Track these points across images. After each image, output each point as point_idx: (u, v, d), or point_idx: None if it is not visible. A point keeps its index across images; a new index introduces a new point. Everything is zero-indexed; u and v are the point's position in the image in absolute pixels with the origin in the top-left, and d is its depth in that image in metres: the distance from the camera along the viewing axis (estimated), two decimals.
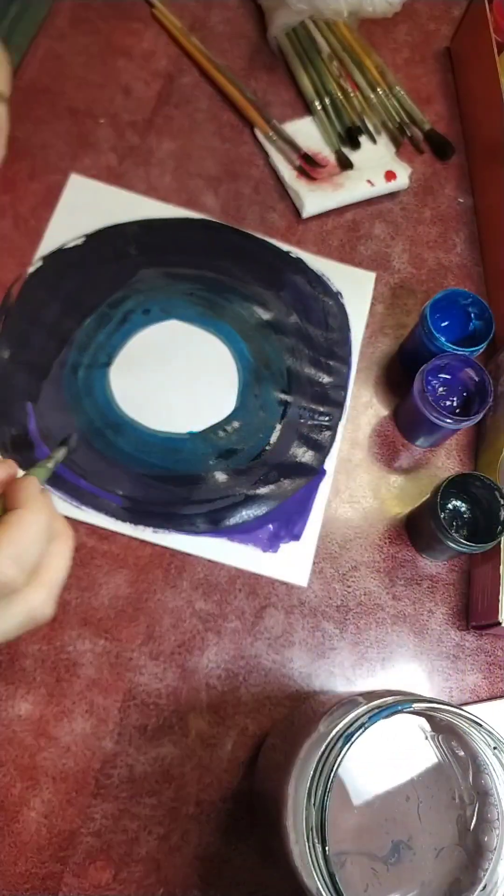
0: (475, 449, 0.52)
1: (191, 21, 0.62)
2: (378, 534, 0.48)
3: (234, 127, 0.59)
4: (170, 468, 0.47)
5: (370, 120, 0.59)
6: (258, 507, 0.47)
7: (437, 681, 0.45)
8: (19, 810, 0.39)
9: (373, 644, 0.45)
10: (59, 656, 0.42)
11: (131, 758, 0.41)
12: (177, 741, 0.42)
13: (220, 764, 0.42)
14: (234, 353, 0.51)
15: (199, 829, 0.40)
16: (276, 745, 0.39)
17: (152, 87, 0.59)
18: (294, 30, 0.61)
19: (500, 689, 0.45)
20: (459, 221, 0.59)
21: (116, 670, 0.42)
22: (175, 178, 0.56)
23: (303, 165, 0.57)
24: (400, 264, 0.56)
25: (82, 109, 0.57)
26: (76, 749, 0.41)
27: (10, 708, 0.41)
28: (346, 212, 0.57)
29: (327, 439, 0.50)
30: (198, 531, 0.46)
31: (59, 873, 0.39)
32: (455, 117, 0.63)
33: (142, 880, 0.39)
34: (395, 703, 0.30)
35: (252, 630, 0.44)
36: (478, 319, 0.50)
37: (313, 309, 0.53)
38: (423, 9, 0.66)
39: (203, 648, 0.44)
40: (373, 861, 0.31)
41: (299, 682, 0.44)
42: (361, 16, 0.63)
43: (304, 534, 0.47)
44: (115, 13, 0.62)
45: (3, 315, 0.50)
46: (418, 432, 0.49)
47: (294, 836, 0.30)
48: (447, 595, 0.47)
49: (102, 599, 0.44)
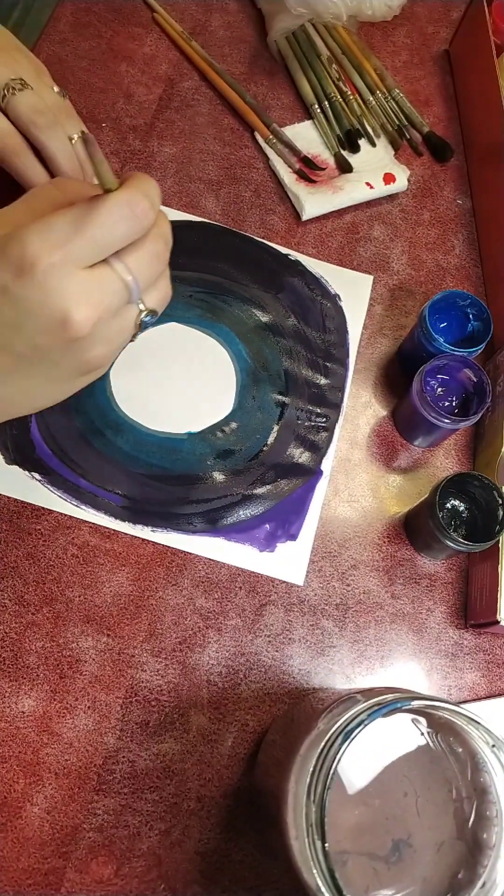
0: (473, 449, 0.52)
1: (192, 26, 0.63)
2: (377, 533, 0.48)
3: (235, 131, 0.59)
4: (168, 468, 0.48)
5: (369, 123, 0.60)
6: (255, 507, 0.48)
7: (435, 679, 0.46)
8: (22, 806, 0.40)
9: (372, 642, 0.46)
10: (62, 653, 0.43)
11: (133, 753, 0.41)
12: (178, 737, 0.42)
13: (221, 760, 0.42)
14: (232, 355, 0.52)
15: (200, 825, 0.41)
16: (276, 742, 0.39)
17: (153, 91, 0.60)
18: (294, 34, 0.62)
19: (498, 688, 0.46)
20: (458, 223, 0.59)
21: (118, 667, 0.43)
22: (176, 182, 0.57)
23: (302, 169, 0.57)
24: (399, 266, 0.57)
25: (84, 114, 0.58)
26: (78, 745, 0.41)
27: (14, 704, 0.41)
28: (345, 214, 0.58)
29: (324, 440, 0.50)
30: (195, 530, 0.46)
31: (62, 869, 0.39)
32: (454, 119, 0.63)
33: (143, 875, 0.40)
34: (393, 700, 0.30)
35: (252, 627, 0.45)
36: (476, 320, 0.50)
37: (311, 311, 0.54)
38: (422, 12, 0.67)
39: (204, 645, 0.44)
40: (374, 861, 0.31)
41: (299, 679, 0.44)
42: (360, 19, 0.63)
43: (301, 534, 0.47)
44: (117, 18, 0.62)
45: None
46: (417, 432, 0.50)
47: (294, 832, 0.30)
48: (446, 594, 0.47)
49: (105, 597, 0.44)
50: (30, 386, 0.32)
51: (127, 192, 0.29)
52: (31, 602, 0.44)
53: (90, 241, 0.28)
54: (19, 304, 0.28)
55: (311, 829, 0.29)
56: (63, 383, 0.33)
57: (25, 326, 0.29)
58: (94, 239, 0.28)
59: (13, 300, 0.28)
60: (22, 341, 0.29)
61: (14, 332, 0.29)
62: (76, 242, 0.28)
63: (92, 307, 0.29)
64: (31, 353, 0.30)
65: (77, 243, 0.28)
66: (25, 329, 0.29)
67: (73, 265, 0.28)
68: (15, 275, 0.28)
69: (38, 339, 0.29)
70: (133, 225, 0.29)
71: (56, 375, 0.32)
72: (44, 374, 0.31)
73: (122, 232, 0.29)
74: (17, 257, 0.28)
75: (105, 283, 0.29)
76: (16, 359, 0.30)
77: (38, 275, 0.28)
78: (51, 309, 0.28)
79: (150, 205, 0.29)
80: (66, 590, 0.44)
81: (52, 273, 0.28)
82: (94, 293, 0.29)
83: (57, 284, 0.28)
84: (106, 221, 0.28)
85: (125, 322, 0.31)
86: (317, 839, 0.28)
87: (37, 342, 0.29)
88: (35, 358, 0.30)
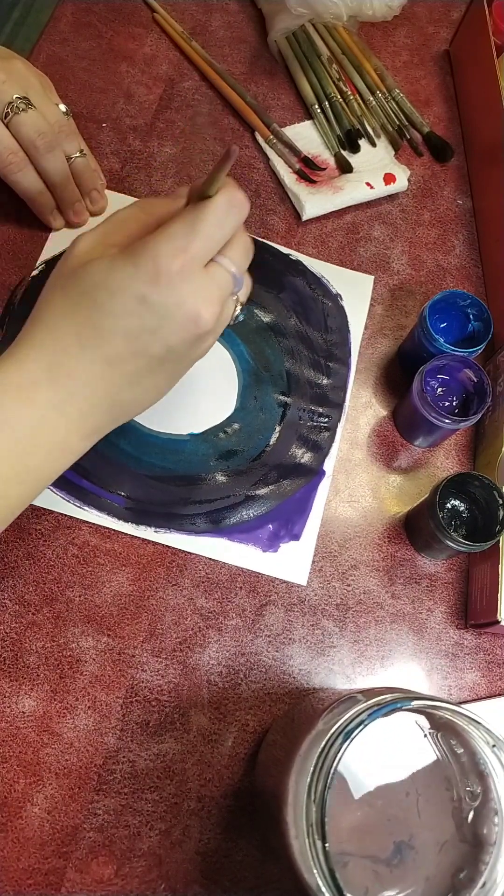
0: (474, 449, 0.52)
1: (192, 26, 0.63)
2: (377, 533, 0.48)
3: (235, 131, 0.59)
4: (171, 469, 0.48)
5: (369, 123, 0.60)
6: (258, 508, 0.48)
7: (436, 679, 0.46)
8: (22, 806, 0.40)
9: (372, 642, 0.46)
10: (62, 653, 0.43)
11: (133, 753, 0.41)
12: (178, 737, 0.42)
13: (221, 760, 0.42)
14: (234, 356, 0.52)
15: (201, 825, 0.41)
16: (277, 742, 0.39)
17: (154, 91, 0.60)
18: (294, 34, 0.62)
19: (498, 688, 0.46)
20: (458, 223, 0.59)
21: (119, 667, 0.43)
22: (176, 182, 0.57)
23: (303, 169, 0.57)
24: (399, 266, 0.57)
25: (84, 114, 0.58)
26: (79, 745, 0.41)
27: (14, 704, 0.41)
28: (345, 214, 0.58)
29: (326, 440, 0.50)
30: (198, 531, 0.46)
31: (62, 868, 0.39)
32: (454, 120, 0.63)
33: (144, 875, 0.40)
34: (394, 700, 0.30)
35: (253, 627, 0.45)
36: (476, 320, 0.50)
37: (313, 311, 0.54)
38: (422, 12, 0.67)
39: (204, 645, 0.44)
40: (376, 864, 0.31)
41: (299, 679, 0.44)
42: (361, 19, 0.63)
43: (304, 534, 0.47)
44: (117, 18, 0.62)
45: (6, 319, 0.51)
46: (417, 432, 0.50)
47: (294, 832, 0.30)
48: (446, 594, 0.47)
49: (105, 597, 0.44)
50: (154, 384, 0.35)
51: (227, 189, 0.33)
52: (31, 602, 0.44)
53: (207, 240, 0.32)
54: (158, 310, 0.32)
55: (312, 829, 0.29)
56: (177, 377, 0.36)
57: (163, 328, 0.32)
58: (211, 236, 0.32)
59: (152, 307, 0.31)
60: (158, 343, 0.32)
61: (151, 337, 0.32)
62: (196, 243, 0.31)
63: (215, 303, 0.33)
64: (165, 352, 0.33)
65: (196, 244, 0.32)
66: (162, 331, 0.32)
67: (196, 265, 0.32)
68: (151, 284, 0.31)
69: (173, 339, 0.33)
70: (239, 215, 0.33)
71: (176, 370, 0.35)
72: (168, 371, 0.35)
73: (232, 224, 0.33)
74: (150, 267, 0.31)
75: (218, 278, 0.33)
76: (149, 361, 0.33)
77: (174, 280, 0.31)
78: (186, 309, 0.32)
79: (245, 196, 0.33)
80: (66, 590, 0.44)
81: (183, 276, 0.31)
82: (213, 289, 0.33)
83: (188, 286, 0.32)
84: (218, 218, 0.32)
85: (227, 313, 0.35)
86: (317, 839, 0.28)
87: (171, 342, 0.33)
88: (167, 357, 0.33)
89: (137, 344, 0.32)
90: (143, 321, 0.32)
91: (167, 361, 0.34)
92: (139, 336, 0.32)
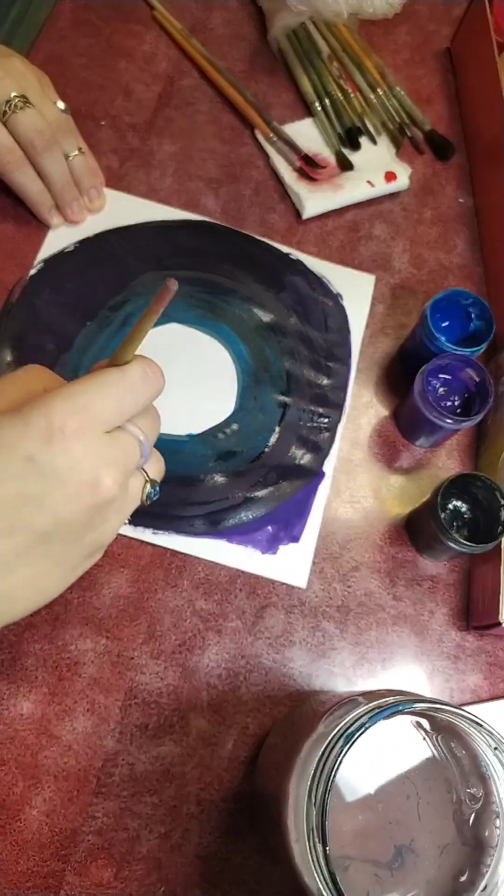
0: (476, 449, 0.52)
1: (191, 23, 0.62)
2: (378, 534, 0.48)
3: (235, 129, 0.59)
4: (170, 470, 0.47)
5: (370, 121, 0.59)
6: (257, 509, 0.47)
7: (437, 681, 0.45)
8: (21, 809, 0.40)
9: (373, 644, 0.45)
10: (60, 655, 0.42)
11: (132, 756, 0.41)
12: (178, 740, 0.42)
13: (221, 763, 0.42)
14: (233, 356, 0.51)
15: (200, 828, 0.40)
16: (277, 745, 0.39)
17: (153, 89, 0.60)
18: (294, 31, 0.61)
19: (500, 690, 0.46)
20: (460, 222, 0.59)
21: (118, 669, 0.43)
22: (176, 181, 0.57)
23: (303, 167, 0.57)
24: (400, 265, 0.56)
25: (83, 111, 0.57)
26: (78, 748, 0.41)
27: (13, 707, 0.41)
28: (346, 212, 0.57)
29: (326, 441, 0.50)
30: (197, 532, 0.46)
31: (61, 871, 0.39)
32: (455, 118, 0.63)
33: (143, 878, 0.39)
34: (395, 703, 0.30)
35: (252, 629, 0.45)
36: (478, 320, 0.50)
37: (313, 310, 0.54)
38: (423, 9, 0.67)
39: (204, 648, 0.44)
40: (377, 868, 0.31)
41: (300, 682, 0.44)
42: (361, 17, 0.63)
43: (303, 536, 0.47)
44: (116, 15, 0.62)
45: (4, 317, 0.50)
46: (419, 432, 0.49)
47: (295, 835, 0.30)
48: (448, 595, 0.47)
49: (104, 599, 0.44)
50: (36, 574, 0.29)
51: (144, 360, 0.30)
52: None
53: (114, 404, 0.29)
54: (47, 473, 0.27)
55: (312, 833, 0.28)
56: (70, 567, 0.31)
57: (52, 496, 0.27)
58: (119, 401, 0.29)
59: (40, 469, 0.27)
60: (44, 515, 0.27)
61: (37, 507, 0.27)
62: (99, 405, 0.28)
63: (118, 468, 0.29)
64: (52, 526, 0.28)
65: (100, 405, 0.28)
66: (51, 499, 0.27)
67: (97, 428, 0.28)
68: (42, 442, 0.27)
69: (63, 510, 0.28)
70: (153, 389, 0.31)
71: (67, 556, 0.30)
72: (55, 556, 0.29)
73: (145, 395, 0.30)
74: (43, 424, 0.27)
75: (123, 442, 0.30)
76: (31, 539, 0.28)
77: (68, 439, 0.27)
78: (81, 473, 0.27)
79: (161, 372, 0.31)
80: (64, 591, 0.44)
81: (81, 437, 0.27)
82: (118, 455, 0.29)
83: (85, 448, 0.27)
84: (130, 384, 0.29)
85: (136, 486, 0.32)
86: (318, 843, 0.28)
87: (61, 513, 0.28)
88: (54, 533, 0.28)
89: (18, 515, 0.27)
90: (28, 486, 0.27)
91: (54, 540, 0.28)
92: (22, 505, 0.27)
